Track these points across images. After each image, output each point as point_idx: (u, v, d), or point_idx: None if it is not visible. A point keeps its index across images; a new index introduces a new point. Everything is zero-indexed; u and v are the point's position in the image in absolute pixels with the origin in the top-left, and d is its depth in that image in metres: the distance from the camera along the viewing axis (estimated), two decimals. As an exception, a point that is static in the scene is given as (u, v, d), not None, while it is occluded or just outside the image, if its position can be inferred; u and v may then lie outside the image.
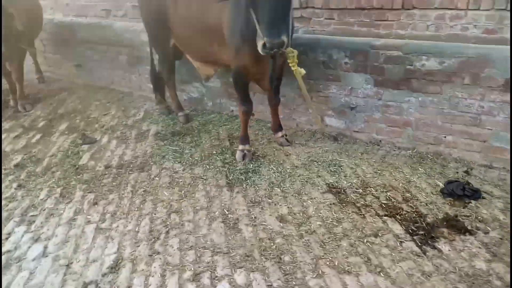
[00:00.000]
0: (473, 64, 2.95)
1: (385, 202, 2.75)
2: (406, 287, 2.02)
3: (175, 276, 2.15)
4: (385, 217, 2.59)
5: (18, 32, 4.36)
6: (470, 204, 2.68)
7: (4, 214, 2.76)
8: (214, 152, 3.60)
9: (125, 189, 3.04)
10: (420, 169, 3.16)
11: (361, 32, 4.18)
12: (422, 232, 2.42)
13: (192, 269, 2.20)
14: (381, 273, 2.12)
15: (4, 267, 2.26)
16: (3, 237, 2.53)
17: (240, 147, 3.47)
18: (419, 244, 2.33)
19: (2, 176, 3.30)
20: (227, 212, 2.71)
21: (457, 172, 3.07)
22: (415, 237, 2.38)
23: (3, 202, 2.91)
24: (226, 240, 2.43)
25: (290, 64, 2.97)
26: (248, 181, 3.10)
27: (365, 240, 2.38)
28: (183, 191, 2.99)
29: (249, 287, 2.06)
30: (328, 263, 2.21)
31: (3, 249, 2.41)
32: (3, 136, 4.11)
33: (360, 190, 2.91)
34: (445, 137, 3.28)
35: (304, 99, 3.54)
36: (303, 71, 3.07)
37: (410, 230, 2.45)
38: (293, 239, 2.42)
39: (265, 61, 3.07)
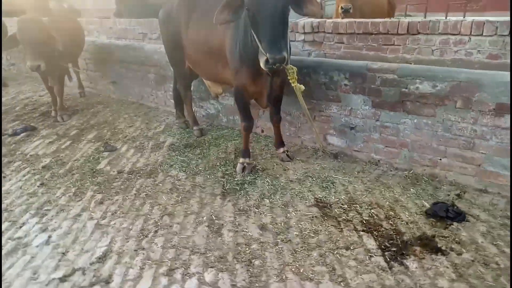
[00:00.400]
0: (464, 88, 2.99)
1: (366, 218, 2.82)
2: (362, 297, 2.10)
3: (151, 270, 2.37)
4: (362, 232, 2.66)
5: (59, 53, 4.94)
6: (452, 226, 2.68)
7: (23, 207, 3.15)
8: (218, 164, 3.83)
9: (130, 192, 3.35)
10: (411, 189, 3.18)
11: (368, 56, 4.32)
12: (394, 249, 2.47)
13: (169, 265, 2.41)
14: (342, 283, 2.20)
15: (12, 251, 2.61)
16: (18, 225, 2.90)
17: (241, 160, 3.68)
18: (388, 259, 2.38)
19: (30, 175, 3.74)
20: (214, 218, 2.91)
21: (449, 195, 3.07)
22: (386, 253, 2.44)
23: (25, 197, 3.31)
24: (206, 242, 2.62)
25: (290, 81, 3.16)
26: (242, 191, 3.29)
27: (335, 252, 2.47)
28: (180, 197, 3.24)
29: (215, 285, 2.24)
30: (294, 270, 2.32)
31: (15, 235, 2.78)
32: (39, 142, 4.63)
33: (346, 206, 2.99)
34: (440, 159, 3.29)
35: (303, 114, 3.70)
36: (302, 87, 3.25)
37: (383, 246, 2.50)
38: (268, 246, 2.56)
39: (263, 81, 3.30)
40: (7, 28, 6.91)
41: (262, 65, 2.82)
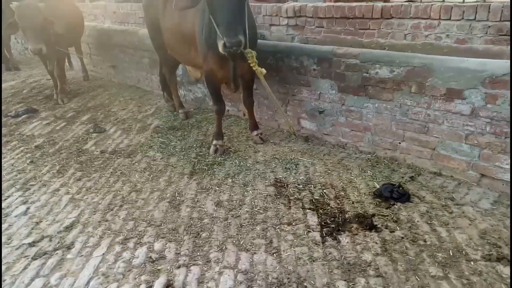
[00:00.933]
0: (418, 73, 3.06)
1: (317, 197, 2.99)
2: (288, 266, 2.29)
3: (109, 239, 2.64)
4: (308, 210, 2.83)
5: (57, 37, 5.22)
6: (394, 206, 2.81)
7: (10, 182, 3.49)
8: (194, 146, 4.06)
9: (107, 170, 3.63)
10: (369, 171, 3.31)
11: (346, 40, 4.38)
12: (333, 226, 2.64)
13: (125, 235, 2.67)
14: (274, 254, 2.40)
15: (-6, 219, 2.95)
16: (3, 198, 3.24)
17: (214, 142, 3.88)
18: (324, 235, 2.56)
19: (22, 153, 4.08)
20: (177, 195, 3.15)
21: (403, 177, 3.18)
22: (324, 229, 2.61)
23: (14, 173, 3.65)
24: (164, 216, 2.87)
25: (250, 64, 3.31)
26: (209, 171, 3.51)
27: (277, 227, 2.66)
28: (151, 176, 3.49)
29: (161, 253, 2.48)
30: (234, 241, 2.54)
31: (-1, 207, 3.12)
32: (37, 123, 4.98)
33: (301, 186, 3.16)
34: (399, 143, 3.39)
35: (269, 97, 3.83)
36: (264, 70, 3.39)
37: (323, 223, 2.67)
38: (218, 220, 2.78)
39: (230, 66, 3.46)
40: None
41: (220, 49, 2.98)
